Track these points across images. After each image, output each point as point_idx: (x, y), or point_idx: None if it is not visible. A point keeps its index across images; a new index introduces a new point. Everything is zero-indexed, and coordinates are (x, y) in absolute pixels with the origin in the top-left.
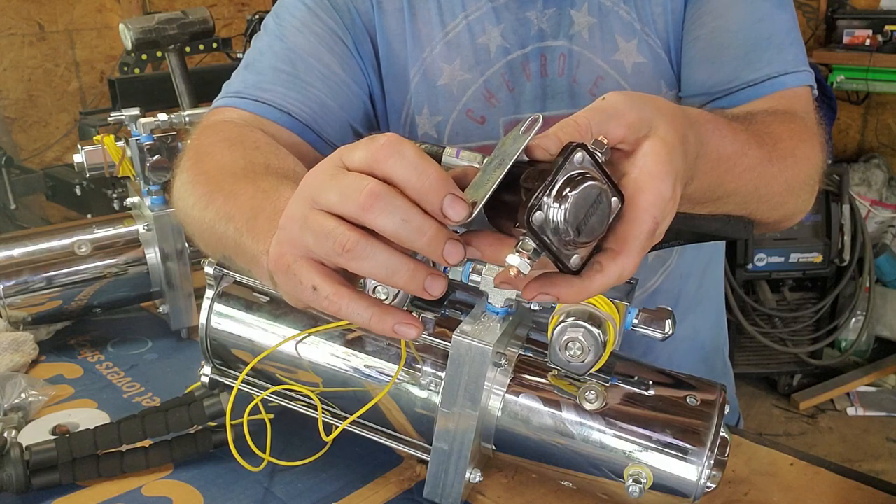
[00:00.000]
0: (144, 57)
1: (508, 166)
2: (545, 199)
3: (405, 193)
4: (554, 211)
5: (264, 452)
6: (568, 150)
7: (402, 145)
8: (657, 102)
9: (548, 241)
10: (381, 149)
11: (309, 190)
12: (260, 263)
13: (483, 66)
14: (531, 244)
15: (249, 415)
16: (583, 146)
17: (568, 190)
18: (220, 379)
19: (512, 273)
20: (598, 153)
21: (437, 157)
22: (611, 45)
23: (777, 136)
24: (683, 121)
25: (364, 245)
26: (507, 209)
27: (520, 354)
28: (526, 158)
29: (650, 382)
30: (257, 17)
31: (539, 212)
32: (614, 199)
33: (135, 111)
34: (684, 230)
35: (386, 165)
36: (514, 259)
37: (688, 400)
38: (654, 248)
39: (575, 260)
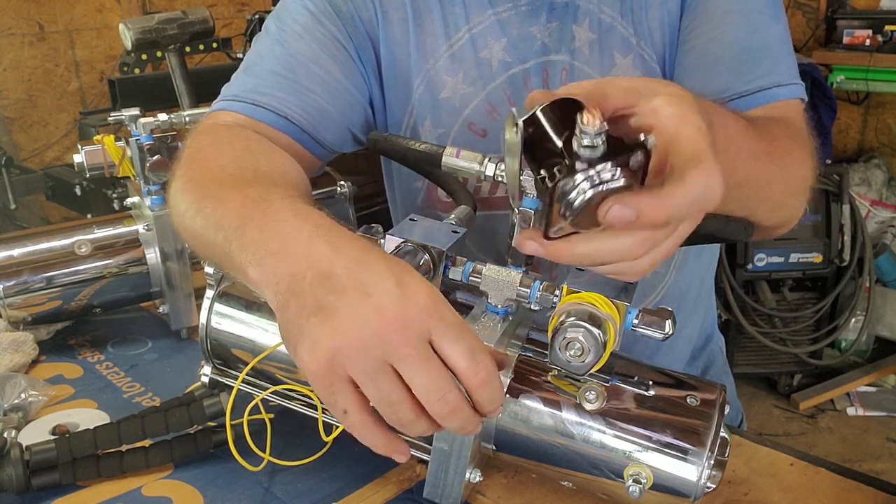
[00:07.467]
0: (144, 57)
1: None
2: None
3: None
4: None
5: (264, 452)
6: (637, 145)
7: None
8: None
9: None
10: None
11: (385, 344)
12: (246, 274)
13: (485, 80)
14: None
15: (249, 415)
16: (645, 148)
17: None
18: (220, 379)
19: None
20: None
21: (438, 158)
22: (609, 61)
23: (774, 136)
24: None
25: (416, 425)
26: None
27: (520, 354)
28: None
29: (650, 382)
30: (257, 17)
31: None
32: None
33: (135, 111)
34: None
35: (444, 351)
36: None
37: (688, 400)
38: None
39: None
